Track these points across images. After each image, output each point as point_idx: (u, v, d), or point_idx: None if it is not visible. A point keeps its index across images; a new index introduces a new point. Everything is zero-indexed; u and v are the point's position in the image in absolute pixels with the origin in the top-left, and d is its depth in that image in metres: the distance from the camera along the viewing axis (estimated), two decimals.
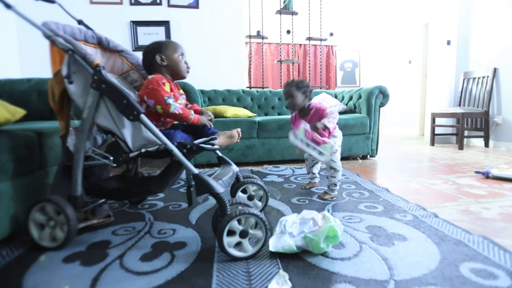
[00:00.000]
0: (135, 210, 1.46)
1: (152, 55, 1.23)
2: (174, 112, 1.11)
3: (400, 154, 3.13)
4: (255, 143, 2.62)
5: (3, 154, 1.06)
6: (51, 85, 1.10)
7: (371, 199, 1.58)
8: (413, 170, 2.33)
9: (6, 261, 0.99)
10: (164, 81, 1.15)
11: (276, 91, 3.41)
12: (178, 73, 1.25)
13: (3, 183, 1.08)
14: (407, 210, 1.39)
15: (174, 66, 1.23)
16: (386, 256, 0.97)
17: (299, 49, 6.14)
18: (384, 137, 4.86)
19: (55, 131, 1.38)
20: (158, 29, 3.29)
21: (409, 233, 1.14)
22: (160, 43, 1.25)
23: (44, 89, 2.11)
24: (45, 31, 1.02)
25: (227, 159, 1.30)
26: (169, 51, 1.23)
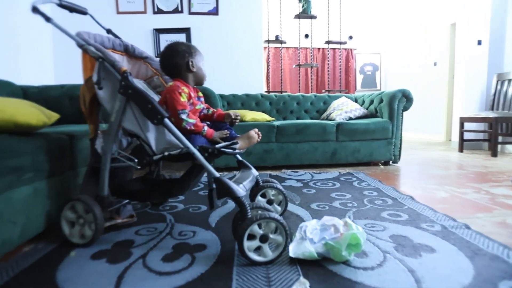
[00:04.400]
0: (157, 212, 1.50)
1: (183, 58, 1.22)
2: (185, 127, 1.10)
3: (425, 161, 3.00)
4: (273, 147, 2.62)
5: (40, 155, 1.13)
6: (82, 91, 1.16)
7: (395, 207, 1.53)
8: (440, 177, 2.23)
9: (42, 255, 1.06)
10: (180, 90, 1.14)
11: (295, 96, 3.40)
12: (200, 81, 1.28)
13: (40, 182, 1.15)
14: (435, 220, 1.33)
15: (200, 74, 1.25)
16: (412, 267, 0.93)
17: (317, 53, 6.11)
18: (407, 143, 4.68)
19: (85, 134, 1.45)
20: (179, 36, 3.38)
21: (437, 245, 1.08)
22: (190, 46, 1.25)
23: (75, 95, 2.22)
24: (79, 41, 1.07)
25: (247, 163, 1.32)
26: (198, 58, 1.24)
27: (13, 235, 1.00)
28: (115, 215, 1.28)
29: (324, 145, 2.66)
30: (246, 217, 0.96)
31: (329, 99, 3.37)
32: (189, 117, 1.12)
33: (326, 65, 6.03)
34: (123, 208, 1.33)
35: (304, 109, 3.35)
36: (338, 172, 2.43)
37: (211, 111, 1.35)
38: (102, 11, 3.23)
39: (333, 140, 2.67)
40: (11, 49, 2.46)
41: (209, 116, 1.34)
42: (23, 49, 2.62)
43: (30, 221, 1.08)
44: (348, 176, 2.27)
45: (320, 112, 3.33)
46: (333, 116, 2.98)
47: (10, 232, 0.99)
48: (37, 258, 1.03)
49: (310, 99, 3.37)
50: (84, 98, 1.18)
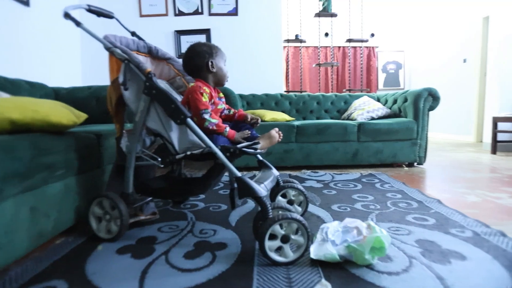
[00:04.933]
0: (178, 210, 1.53)
1: (203, 58, 1.23)
2: (208, 127, 1.11)
3: (453, 163, 2.86)
4: (293, 147, 2.60)
5: (71, 153, 1.19)
6: (109, 91, 1.20)
7: (420, 210, 1.47)
8: (470, 180, 2.11)
9: (72, 247, 1.12)
10: (202, 91, 1.16)
11: (315, 95, 3.37)
12: (221, 81, 1.28)
13: (70, 178, 1.21)
14: (465, 225, 1.26)
15: (220, 74, 1.26)
16: (441, 274, 0.89)
17: (338, 51, 6.01)
18: (433, 144, 4.46)
19: (111, 133, 1.50)
20: (199, 37, 3.43)
21: (468, 252, 1.02)
22: (211, 47, 1.25)
23: (101, 96, 2.31)
24: (106, 44, 1.12)
25: (267, 163, 1.32)
26: (219, 58, 1.25)
27: (47, 227, 1.06)
28: (139, 212, 1.32)
29: (345, 145, 2.62)
30: (268, 217, 0.96)
31: (350, 98, 3.32)
32: (211, 117, 1.13)
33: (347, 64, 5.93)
34: (146, 205, 1.37)
35: (324, 108, 3.31)
36: (359, 173, 2.39)
37: (232, 112, 1.36)
38: (126, 15, 3.34)
39: (354, 140, 2.62)
40: (44, 54, 2.60)
41: (230, 116, 1.35)
42: (54, 53, 2.77)
43: (61, 215, 1.14)
44: (370, 177, 2.22)
45: (341, 112, 3.28)
46: (354, 116, 2.93)
47: (44, 224, 1.05)
48: (67, 250, 1.09)
49: (330, 99, 3.33)
50: (110, 98, 1.22)
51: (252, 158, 1.50)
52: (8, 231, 0.89)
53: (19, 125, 1.06)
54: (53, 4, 2.68)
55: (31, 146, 0.99)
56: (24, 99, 1.18)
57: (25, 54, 2.39)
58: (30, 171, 0.97)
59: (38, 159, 1.01)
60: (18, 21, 2.32)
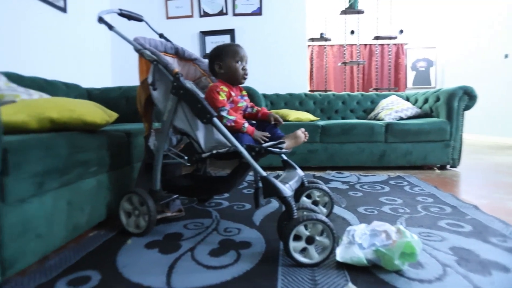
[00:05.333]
0: (203, 207, 1.56)
1: (212, 62, 1.29)
2: (225, 124, 1.12)
3: (492, 166, 2.66)
4: (317, 147, 2.57)
5: (103, 151, 1.25)
6: (138, 92, 1.25)
7: (455, 216, 1.39)
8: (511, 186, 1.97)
9: (104, 240, 1.17)
10: (219, 90, 1.18)
11: (340, 95, 3.30)
12: (234, 80, 1.27)
13: (102, 175, 1.27)
14: (507, 234, 1.17)
15: (230, 73, 1.25)
16: (480, 286, 0.83)
17: (364, 49, 5.86)
18: (469, 146, 4.15)
19: (139, 132, 1.56)
20: (224, 37, 3.47)
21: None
22: (220, 49, 1.28)
23: (130, 96, 2.40)
24: (136, 46, 1.16)
25: (292, 163, 1.31)
26: (228, 58, 1.25)
27: (81, 221, 1.13)
28: (165, 209, 1.36)
29: (372, 146, 2.55)
30: (292, 218, 0.95)
31: (377, 98, 3.23)
32: (229, 114, 1.14)
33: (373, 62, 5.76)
34: (172, 202, 1.41)
35: (350, 108, 3.25)
36: (387, 175, 2.31)
37: (255, 110, 1.36)
38: (154, 17, 3.44)
39: (381, 141, 2.55)
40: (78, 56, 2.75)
41: (253, 114, 1.36)
42: (87, 56, 2.92)
43: (94, 210, 1.20)
44: (398, 179, 2.15)
45: (367, 111, 3.20)
46: (382, 116, 2.85)
47: (79, 218, 1.12)
48: (100, 243, 1.14)
49: (356, 98, 3.26)
50: (140, 98, 1.26)
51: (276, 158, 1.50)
52: (49, 222, 0.96)
53: (57, 124, 1.13)
54: (87, 10, 2.84)
55: (68, 143, 1.04)
56: (61, 100, 1.25)
57: (62, 57, 2.54)
58: (67, 167, 1.03)
59: (74, 156, 1.07)
60: (56, 27, 2.47)
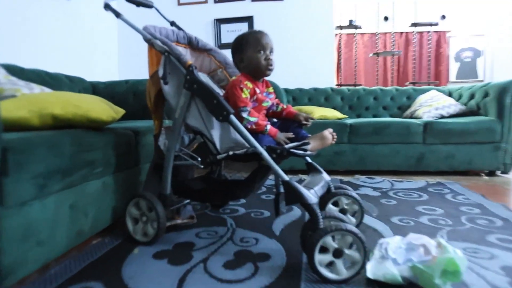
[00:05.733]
0: (217, 214, 1.58)
1: (234, 55, 1.30)
2: (246, 126, 1.12)
3: None
4: (345, 149, 2.55)
5: (109, 150, 1.28)
6: (148, 86, 1.28)
7: (507, 230, 1.34)
8: None
9: (109, 249, 1.21)
10: (242, 86, 1.17)
11: (371, 89, 3.26)
12: (258, 72, 1.25)
13: (108, 177, 1.31)
14: None
15: (252, 66, 1.24)
16: None
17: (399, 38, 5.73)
18: None
19: (148, 130, 1.60)
20: (241, 25, 3.49)
21: None
22: (241, 39, 1.27)
23: (139, 90, 2.46)
24: (145, 35, 1.19)
25: (317, 166, 1.30)
26: (249, 48, 1.24)
27: (85, 226, 1.16)
28: (176, 215, 1.39)
29: (408, 148, 2.50)
30: (318, 227, 0.95)
31: (414, 93, 3.18)
32: (250, 115, 1.14)
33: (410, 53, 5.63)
34: (184, 208, 1.44)
35: (383, 105, 3.21)
36: (425, 181, 2.27)
37: (280, 108, 1.36)
38: (164, 3, 3.51)
39: (419, 142, 2.50)
40: (82, 48, 2.84)
41: (277, 113, 1.36)
42: (92, 47, 3.01)
43: (99, 214, 1.24)
44: (438, 186, 2.11)
45: (403, 109, 3.16)
46: (420, 114, 2.79)
47: (83, 223, 1.15)
48: (104, 251, 1.18)
49: (390, 94, 3.23)
50: (149, 93, 1.29)
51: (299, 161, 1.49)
52: (50, 227, 0.99)
53: (61, 121, 1.17)
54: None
55: (73, 142, 1.08)
56: (65, 94, 1.30)
57: (65, 48, 2.63)
58: (72, 168, 1.07)
59: (79, 155, 1.11)
60: (58, 15, 2.56)
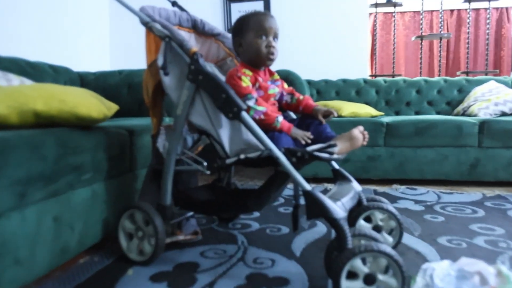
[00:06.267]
0: (225, 230, 1.59)
1: (233, 40, 1.31)
2: (253, 116, 1.12)
3: None
4: (380, 153, 2.53)
5: (99, 153, 1.31)
6: (145, 77, 1.31)
7: None
8: None
9: (98, 269, 1.23)
10: (240, 74, 1.19)
11: (413, 81, 3.24)
12: (257, 61, 1.26)
13: (98, 184, 1.34)
14: None
15: (251, 52, 1.25)
16: None
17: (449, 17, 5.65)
18: None
19: (145, 129, 1.63)
20: (255, 4, 3.52)
21: None
22: (242, 21, 1.29)
23: (134, 82, 2.51)
24: (143, 17, 1.21)
25: (346, 174, 1.30)
26: (249, 33, 1.25)
27: (71, 242, 1.19)
28: (177, 230, 1.41)
29: (459, 152, 2.47)
30: (346, 247, 0.95)
31: (467, 85, 3.15)
32: (258, 104, 1.15)
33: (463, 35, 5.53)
34: (186, 222, 1.45)
35: (428, 99, 3.19)
36: (481, 193, 2.24)
37: (295, 100, 1.36)
38: None
39: (473, 145, 2.46)
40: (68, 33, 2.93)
41: (293, 106, 1.36)
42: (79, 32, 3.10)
43: (87, 228, 1.27)
44: (498, 200, 2.07)
45: (453, 104, 3.13)
46: (474, 110, 2.76)
47: (68, 238, 1.18)
48: (93, 272, 1.20)
49: (437, 86, 3.20)
50: (147, 86, 1.32)
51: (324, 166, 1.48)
52: (30, 243, 1.01)
53: (44, 118, 1.20)
54: None
55: (57, 143, 1.11)
56: (49, 87, 1.33)
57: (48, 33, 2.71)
58: (56, 173, 1.10)
59: (65, 159, 1.13)
60: None
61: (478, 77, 3.29)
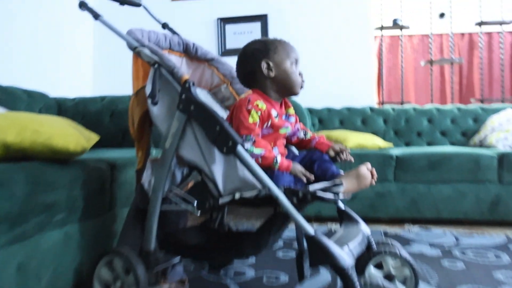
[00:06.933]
0: (216, 278, 1.55)
1: (255, 61, 1.27)
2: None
3: None
4: (390, 189, 2.53)
5: (75, 190, 1.29)
6: (131, 106, 1.31)
7: None
8: None
9: None
10: (250, 107, 1.17)
11: (424, 109, 3.29)
12: (289, 89, 1.28)
13: (72, 226, 1.31)
14: None
15: (285, 79, 1.26)
16: None
17: (461, 40, 5.80)
18: None
19: (128, 163, 1.62)
20: (251, 26, 3.60)
21: None
22: (267, 43, 1.30)
23: (118, 110, 2.53)
24: (131, 42, 1.22)
25: (353, 214, 1.28)
26: (280, 56, 1.26)
27: None
28: (162, 279, 1.37)
29: (477, 188, 2.47)
30: None
31: (483, 113, 3.20)
32: (255, 145, 1.13)
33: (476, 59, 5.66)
34: (172, 268, 1.41)
35: (441, 129, 3.24)
36: (504, 235, 2.22)
37: (309, 136, 1.37)
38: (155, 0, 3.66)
39: (493, 181, 2.47)
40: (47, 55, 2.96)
41: (305, 142, 1.37)
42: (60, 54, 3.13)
43: (57, 277, 1.23)
44: None
45: (468, 135, 3.17)
46: (492, 141, 2.80)
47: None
48: None
49: (450, 114, 3.26)
50: (132, 115, 1.32)
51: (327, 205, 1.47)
52: None
53: (15, 150, 1.19)
54: None
55: (28, 179, 1.10)
56: (22, 116, 1.33)
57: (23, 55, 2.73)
58: (24, 214, 1.07)
59: (35, 197, 1.11)
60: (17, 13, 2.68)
61: (494, 104, 3.35)
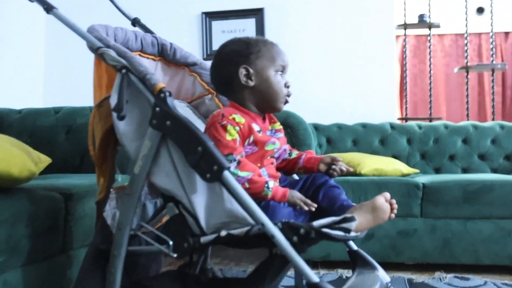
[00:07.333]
0: None
1: (232, 65, 1.30)
2: None
3: None
4: (416, 226, 2.54)
5: (19, 227, 1.28)
6: (92, 120, 1.32)
7: None
8: None
9: None
10: (225, 122, 1.18)
11: (458, 126, 3.32)
12: (270, 103, 1.30)
13: (13, 271, 1.29)
14: None
15: (265, 90, 1.27)
16: None
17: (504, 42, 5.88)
18: None
19: (87, 192, 1.62)
20: (244, 22, 3.64)
21: None
22: (249, 44, 1.31)
23: (76, 125, 2.53)
24: (93, 41, 1.24)
25: (368, 258, 1.29)
26: (263, 62, 1.28)
27: None
28: None
29: None
30: None
31: None
32: (241, 167, 1.14)
33: None
34: None
35: (479, 152, 3.26)
36: None
37: (295, 155, 1.39)
38: None
39: None
40: None
41: (291, 162, 1.39)
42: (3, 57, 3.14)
43: None
44: None
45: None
46: None
47: None
48: None
49: (490, 133, 3.28)
50: (94, 131, 1.33)
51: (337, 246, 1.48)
52: None
53: None
54: None
55: None
56: None
57: None
58: None
59: None
60: None
61: None
